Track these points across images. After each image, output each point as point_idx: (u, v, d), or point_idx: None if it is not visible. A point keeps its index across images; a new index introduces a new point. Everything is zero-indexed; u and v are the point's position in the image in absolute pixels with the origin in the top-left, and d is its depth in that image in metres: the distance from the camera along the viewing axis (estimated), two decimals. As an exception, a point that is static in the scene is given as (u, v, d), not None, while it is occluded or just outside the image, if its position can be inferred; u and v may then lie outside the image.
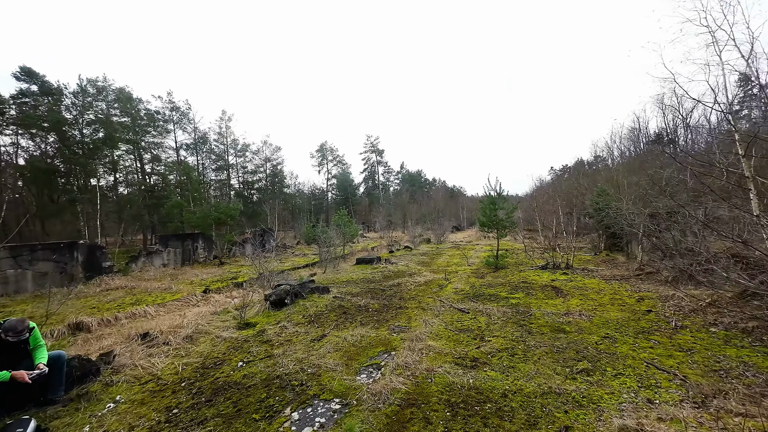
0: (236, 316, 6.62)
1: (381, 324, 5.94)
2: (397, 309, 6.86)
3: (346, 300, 7.60)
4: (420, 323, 5.77)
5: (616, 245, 12.69)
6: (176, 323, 5.95)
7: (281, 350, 4.85)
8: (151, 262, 14.23)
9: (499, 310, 6.28)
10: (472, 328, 5.45)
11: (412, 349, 4.59)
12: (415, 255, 16.53)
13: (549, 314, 5.93)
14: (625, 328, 5.07)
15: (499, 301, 7.00)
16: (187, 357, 4.80)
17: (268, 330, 5.79)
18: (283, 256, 18.20)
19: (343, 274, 11.32)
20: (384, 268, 11.98)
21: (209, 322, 6.41)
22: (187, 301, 9.00)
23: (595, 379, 3.56)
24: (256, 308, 7.19)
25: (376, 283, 9.70)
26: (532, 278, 9.19)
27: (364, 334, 5.35)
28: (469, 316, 6.06)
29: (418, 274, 10.82)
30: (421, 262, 13.82)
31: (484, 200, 10.99)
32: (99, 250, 12.17)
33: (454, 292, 8.09)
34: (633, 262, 10.12)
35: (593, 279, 8.70)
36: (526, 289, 8.04)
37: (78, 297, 9.86)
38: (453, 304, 6.85)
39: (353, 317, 6.41)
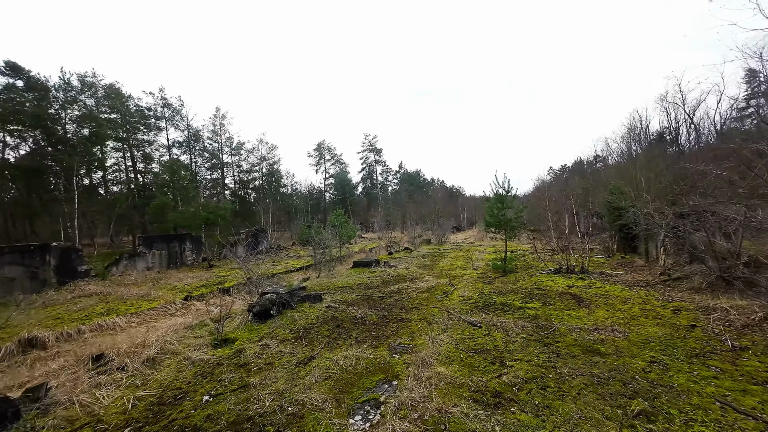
0: (213, 330, 5.75)
1: (380, 341, 5.09)
2: (398, 321, 6.01)
3: (340, 310, 6.74)
4: (425, 341, 4.93)
5: (630, 247, 11.90)
6: (139, 341, 5.07)
7: (259, 378, 3.99)
8: (133, 266, 13.31)
9: (516, 324, 5.44)
10: (488, 347, 4.61)
11: (419, 378, 3.74)
12: (415, 257, 15.69)
13: (575, 330, 5.10)
14: (671, 349, 4.24)
15: (514, 312, 6.16)
16: (143, 387, 3.93)
17: (247, 349, 4.93)
18: (277, 258, 17.32)
19: (338, 279, 10.46)
20: (383, 271, 11.13)
21: (180, 339, 5.54)
22: (164, 310, 8.11)
23: (661, 428, 2.73)
24: (238, 320, 6.32)
25: (374, 289, 8.85)
26: (546, 284, 8.37)
27: (360, 355, 4.49)
28: (483, 332, 5.22)
29: (420, 278, 9.98)
30: (423, 265, 12.98)
31: (491, 199, 10.17)
32: (74, 253, 11.25)
33: (461, 301, 7.26)
34: (654, 266, 9.32)
35: (615, 285, 7.88)
36: (542, 297, 7.21)
37: (45, 305, 8.94)
38: (462, 316, 6.01)
39: (348, 332, 5.56)
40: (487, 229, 10.86)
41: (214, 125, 36.21)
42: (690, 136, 30.31)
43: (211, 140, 36.04)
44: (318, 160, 55.66)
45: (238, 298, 9.49)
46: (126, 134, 27.91)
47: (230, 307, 6.67)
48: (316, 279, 10.73)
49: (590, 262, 9.81)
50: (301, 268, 13.51)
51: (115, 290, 10.25)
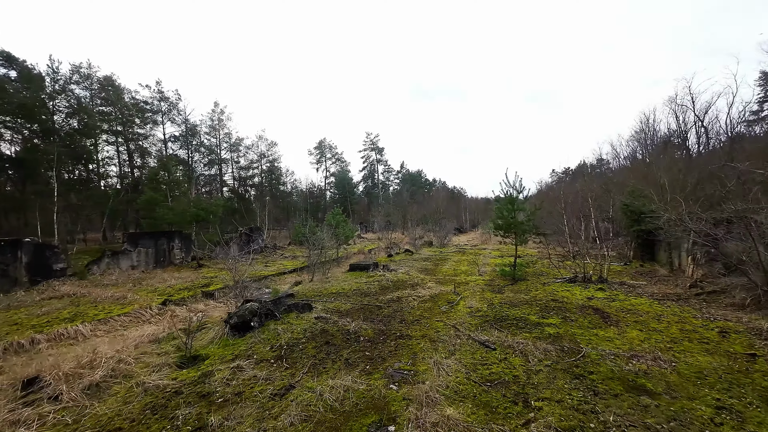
0: (182, 345, 4.94)
1: (375, 364, 4.28)
2: (397, 338, 5.19)
3: (331, 322, 5.92)
4: (430, 366, 4.11)
5: (649, 254, 11.04)
6: (87, 359, 4.25)
7: (221, 416, 3.18)
8: (117, 264, 12.50)
9: (536, 346, 4.61)
10: (506, 377, 3.78)
11: (422, 424, 2.92)
12: (416, 260, 14.85)
13: (609, 356, 4.27)
14: (738, 389, 3.41)
15: (531, 330, 5.33)
16: (73, 427, 3.11)
17: (216, 372, 4.12)
18: (270, 258, 16.49)
19: (333, 283, 9.64)
20: (381, 276, 10.31)
21: (141, 355, 4.73)
22: (137, 316, 7.31)
23: None
24: (213, 333, 5.50)
25: (371, 296, 8.03)
26: (562, 294, 7.53)
27: (350, 385, 3.67)
28: (497, 356, 4.39)
29: (422, 285, 9.15)
30: (424, 269, 12.15)
31: (501, 200, 9.33)
32: (50, 250, 10.45)
33: (469, 313, 6.43)
34: (681, 276, 8.48)
35: (640, 298, 7.04)
36: (560, 310, 6.37)
37: (9, 308, 8.14)
38: (471, 334, 5.18)
39: (338, 351, 4.74)
40: (495, 232, 10.03)
41: (212, 120, 35.41)
42: (700, 139, 29.50)
43: (209, 135, 35.27)
44: (319, 159, 54.83)
45: (223, 303, 8.69)
46: (122, 127, 27.17)
47: (208, 316, 5.86)
48: (309, 283, 9.91)
49: (609, 270, 8.97)
50: (294, 270, 12.69)
51: (91, 291, 9.44)
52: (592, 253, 10.15)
